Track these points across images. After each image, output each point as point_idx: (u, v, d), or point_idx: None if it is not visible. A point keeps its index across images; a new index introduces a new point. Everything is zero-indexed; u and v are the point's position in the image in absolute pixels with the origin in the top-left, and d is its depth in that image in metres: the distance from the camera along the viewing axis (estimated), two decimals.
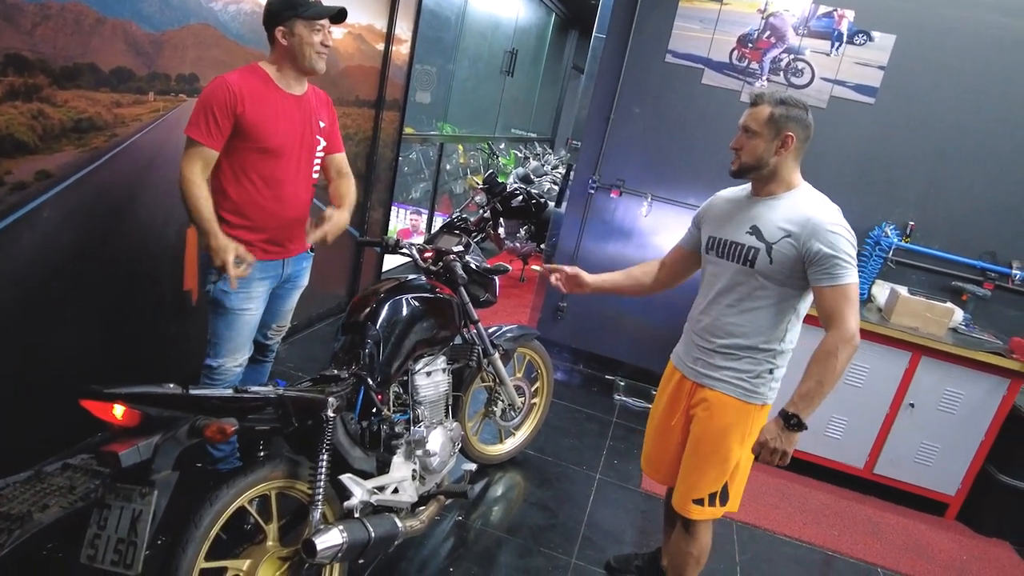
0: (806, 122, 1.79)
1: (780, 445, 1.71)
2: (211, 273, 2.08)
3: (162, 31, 2.34)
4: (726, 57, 3.64)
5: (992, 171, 3.43)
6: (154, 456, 1.38)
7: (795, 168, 1.83)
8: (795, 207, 1.78)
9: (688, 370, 1.99)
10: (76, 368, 2.32)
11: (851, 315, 1.69)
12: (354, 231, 4.21)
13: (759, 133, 1.78)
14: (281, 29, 2.02)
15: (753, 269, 1.81)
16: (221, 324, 2.13)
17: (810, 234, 1.72)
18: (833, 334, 1.70)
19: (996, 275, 3.48)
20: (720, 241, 1.91)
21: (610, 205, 4.01)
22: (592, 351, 4.24)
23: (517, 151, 7.97)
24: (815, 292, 1.77)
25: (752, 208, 1.86)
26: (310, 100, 2.19)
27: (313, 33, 2.03)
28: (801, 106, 1.79)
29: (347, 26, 3.47)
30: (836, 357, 1.67)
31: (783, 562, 2.75)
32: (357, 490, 1.82)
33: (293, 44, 2.03)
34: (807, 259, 1.73)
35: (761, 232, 1.80)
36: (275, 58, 2.10)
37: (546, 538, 2.57)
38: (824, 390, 1.69)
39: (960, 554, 3.06)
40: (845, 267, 1.70)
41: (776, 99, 1.78)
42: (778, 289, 1.80)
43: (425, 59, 5.47)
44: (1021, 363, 3.04)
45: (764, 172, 1.81)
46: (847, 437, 3.32)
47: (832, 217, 1.74)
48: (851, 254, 1.72)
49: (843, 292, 1.70)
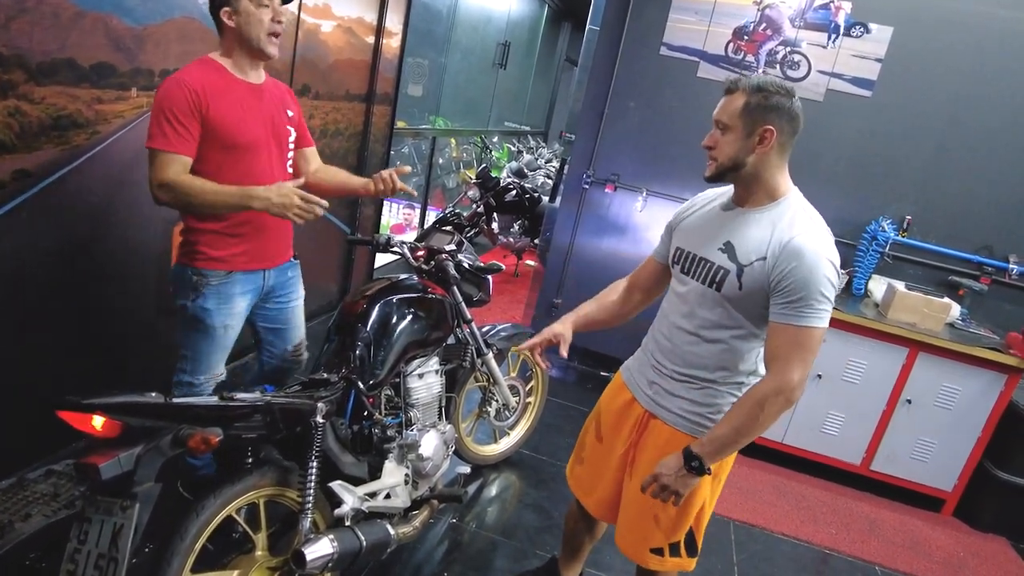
0: (791, 112, 1.47)
1: (674, 485, 1.48)
2: (187, 289, 1.93)
3: (144, 25, 2.27)
4: (721, 50, 3.59)
5: (990, 165, 3.40)
6: (136, 468, 1.33)
7: (780, 169, 1.52)
8: (777, 224, 1.48)
9: (642, 395, 1.71)
10: (58, 372, 2.26)
11: (798, 365, 1.41)
12: (345, 228, 4.15)
13: (732, 127, 1.49)
14: (226, 10, 1.85)
15: (719, 294, 1.53)
16: (201, 341, 1.98)
17: (785, 259, 1.42)
18: (769, 380, 1.44)
19: (993, 269, 3.46)
20: (687, 255, 1.62)
21: (605, 200, 3.96)
22: (586, 347, 4.20)
23: (511, 145, 7.90)
24: (769, 327, 1.46)
25: (730, 220, 1.56)
26: (271, 89, 2.03)
27: (260, 8, 1.84)
28: (783, 92, 1.47)
29: (337, 19, 3.41)
30: (763, 409, 1.42)
31: (781, 561, 2.73)
32: (348, 497, 1.78)
33: (240, 24, 1.85)
34: (772, 285, 1.44)
35: (735, 251, 1.51)
36: (226, 46, 1.92)
37: (542, 540, 2.53)
38: (740, 442, 1.46)
39: (957, 550, 3.05)
40: (816, 308, 1.41)
41: (753, 86, 1.47)
42: (747, 321, 1.53)
43: (417, 52, 5.40)
44: (1018, 358, 3.02)
45: (742, 175, 1.51)
46: (844, 433, 3.30)
47: (817, 243, 1.43)
48: (828, 294, 1.41)
49: (801, 336, 1.41)
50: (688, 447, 1.49)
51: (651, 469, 1.63)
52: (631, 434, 1.73)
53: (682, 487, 1.49)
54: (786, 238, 1.44)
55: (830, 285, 1.42)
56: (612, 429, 1.79)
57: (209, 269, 1.93)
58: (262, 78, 2.00)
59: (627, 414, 1.75)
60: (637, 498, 1.67)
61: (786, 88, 1.48)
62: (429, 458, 2.10)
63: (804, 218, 1.49)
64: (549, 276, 4.19)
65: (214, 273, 1.94)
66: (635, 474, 1.71)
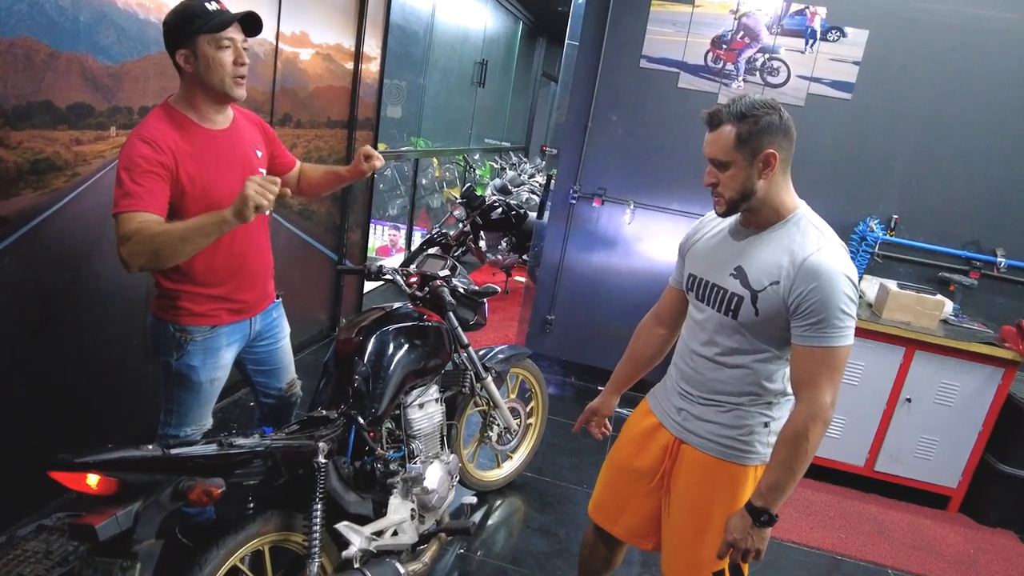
0: (784, 127, 1.42)
1: (752, 545, 1.44)
2: (169, 346, 1.82)
3: (120, 63, 2.23)
4: (701, 59, 3.61)
5: (972, 160, 3.43)
6: (135, 525, 1.27)
7: (787, 186, 1.49)
8: (788, 245, 1.44)
9: (670, 422, 1.68)
10: (41, 423, 2.19)
11: (828, 386, 1.38)
12: (332, 255, 4.11)
13: (731, 162, 1.43)
14: (182, 52, 1.66)
15: (736, 321, 1.50)
16: (187, 396, 1.86)
17: (801, 281, 1.39)
18: (802, 408, 1.40)
19: (981, 264, 3.48)
20: (701, 282, 1.59)
21: (593, 214, 3.95)
22: (584, 362, 4.17)
23: (493, 162, 7.91)
24: (793, 350, 1.43)
25: (739, 243, 1.53)
26: (239, 129, 1.87)
27: (221, 51, 1.66)
28: (769, 109, 1.41)
29: (315, 46, 3.39)
30: (807, 440, 1.38)
31: (792, 570, 2.70)
32: (355, 538, 1.72)
33: (200, 69, 1.66)
34: (791, 308, 1.41)
35: (746, 275, 1.48)
36: (186, 91, 1.73)
37: (552, 566, 2.48)
38: (796, 476, 1.42)
39: (967, 547, 3.03)
40: (838, 327, 1.37)
41: (737, 113, 1.41)
42: (770, 344, 1.50)
43: (395, 74, 5.39)
44: (1014, 352, 3.03)
45: (754, 202, 1.47)
46: (846, 436, 3.29)
47: (832, 260, 1.39)
48: (849, 311, 1.38)
49: (825, 356, 1.38)
50: (750, 502, 1.46)
51: (685, 498, 1.63)
52: (662, 462, 1.69)
53: (760, 543, 1.46)
54: (800, 259, 1.41)
55: (850, 301, 1.38)
56: (636, 454, 1.75)
57: (193, 325, 1.82)
58: (230, 119, 1.85)
59: (653, 439, 1.72)
60: (676, 534, 1.66)
61: (769, 104, 1.43)
62: (434, 490, 2.05)
63: (815, 234, 1.45)
64: (541, 292, 4.17)
65: (198, 329, 1.83)
66: (673, 504, 1.68)
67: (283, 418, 2.20)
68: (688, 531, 1.63)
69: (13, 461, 2.07)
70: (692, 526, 1.62)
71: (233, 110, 1.87)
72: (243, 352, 2.01)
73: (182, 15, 1.66)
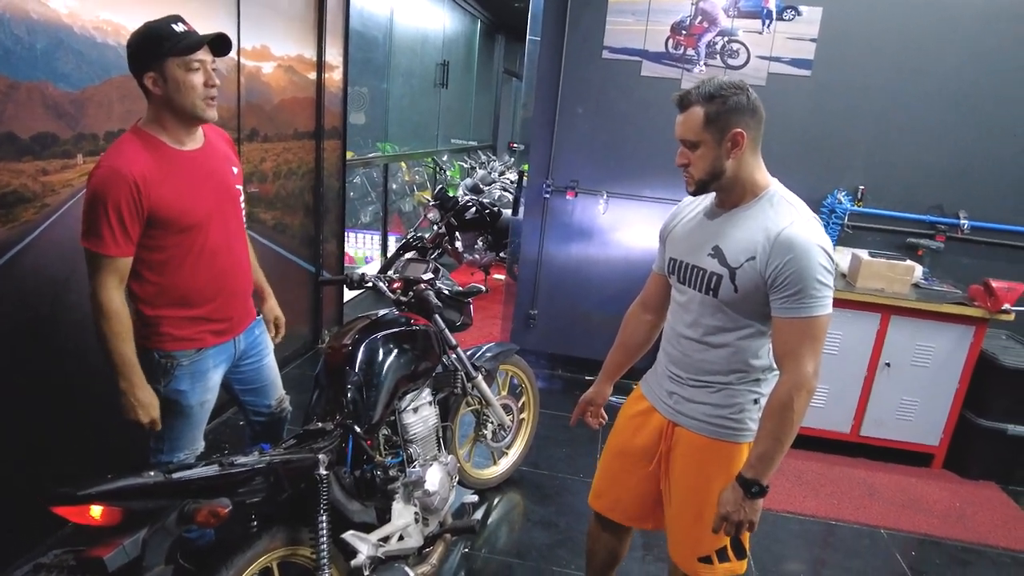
0: (751, 106, 1.46)
1: (744, 517, 1.47)
2: (155, 373, 1.79)
3: (82, 88, 2.20)
4: (662, 47, 3.66)
5: (931, 129, 3.53)
6: (143, 553, 1.27)
7: (757, 164, 1.52)
8: (762, 220, 1.48)
9: (663, 406, 1.71)
10: (31, 460, 2.16)
11: (810, 356, 1.42)
12: (309, 267, 4.08)
13: (700, 142, 1.47)
14: (150, 76, 1.63)
15: (717, 299, 1.53)
16: (177, 422, 1.85)
17: (776, 254, 1.42)
18: (786, 379, 1.44)
19: (946, 227, 3.59)
20: (681, 265, 1.62)
21: (567, 207, 3.98)
22: (569, 354, 4.21)
23: (462, 162, 7.90)
24: (773, 323, 1.47)
25: (715, 223, 1.57)
26: (213, 148, 1.85)
27: (190, 74, 1.63)
28: (736, 89, 1.45)
29: (276, 59, 3.36)
30: (792, 410, 1.41)
31: (790, 539, 2.77)
32: (362, 546, 1.73)
33: (170, 92, 1.64)
34: (769, 282, 1.44)
35: (724, 254, 1.51)
36: (156, 114, 1.70)
37: (557, 556, 2.51)
38: (784, 446, 1.45)
39: (954, 501, 3.13)
40: (816, 297, 1.40)
41: (705, 94, 1.45)
42: (752, 319, 1.53)
43: (357, 81, 5.36)
44: (983, 309, 3.13)
45: (724, 181, 1.50)
46: (830, 404, 3.37)
47: (805, 232, 1.43)
48: (825, 280, 1.41)
49: (806, 327, 1.41)
50: (741, 475, 1.48)
51: (683, 481, 1.66)
52: (658, 444, 1.72)
53: (752, 514, 1.48)
54: (774, 233, 1.44)
55: (826, 271, 1.42)
56: (632, 437, 1.78)
57: (178, 350, 1.80)
58: (201, 139, 1.82)
59: (648, 423, 1.75)
60: (677, 515, 1.69)
61: (737, 85, 1.46)
62: (436, 492, 2.06)
63: (788, 209, 1.48)
64: (522, 288, 4.19)
65: (184, 353, 1.81)
66: (672, 489, 1.70)
67: (275, 435, 2.19)
68: (689, 514, 1.67)
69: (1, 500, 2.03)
70: (692, 509, 1.65)
71: (203, 128, 1.85)
72: (229, 373, 2.00)
73: (148, 37, 1.63)
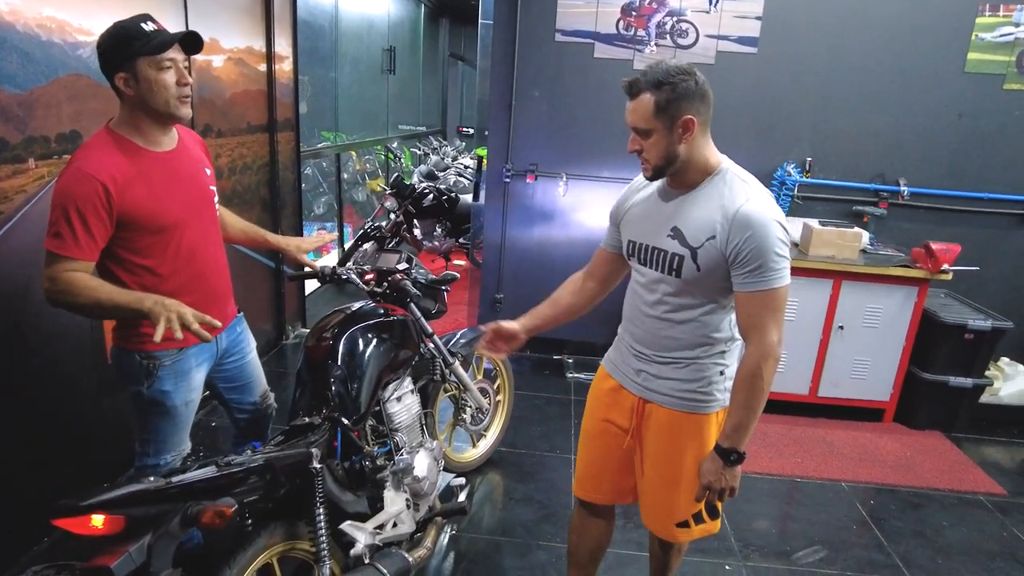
0: (700, 91, 1.48)
1: (725, 484, 1.55)
2: (138, 375, 1.77)
3: (29, 90, 2.11)
4: (613, 28, 3.71)
5: (871, 100, 3.70)
6: (149, 558, 1.27)
7: (708, 145, 1.55)
8: (718, 199, 1.52)
9: (631, 384, 1.74)
10: (5, 475, 2.09)
11: (773, 326, 1.48)
12: (268, 262, 4.01)
13: (652, 129, 1.49)
14: (122, 75, 1.60)
15: (680, 279, 1.57)
16: (163, 423, 1.82)
17: (735, 232, 1.47)
18: (753, 351, 1.50)
19: (888, 194, 3.79)
20: (641, 247, 1.65)
21: (528, 191, 4.02)
22: (536, 335, 4.25)
23: (415, 148, 7.83)
24: (736, 297, 1.53)
25: (671, 204, 1.59)
26: (187, 148, 1.83)
27: (162, 72, 1.61)
28: (685, 74, 1.46)
29: (226, 51, 3.27)
30: (761, 378, 1.48)
31: (760, 498, 2.91)
32: (360, 535, 1.76)
33: (142, 92, 1.61)
34: (730, 259, 1.49)
35: (683, 235, 1.55)
36: (128, 114, 1.67)
37: (541, 531, 2.58)
38: (756, 414, 1.51)
39: (904, 451, 3.35)
40: (775, 269, 1.46)
41: (654, 81, 1.46)
42: (714, 295, 1.58)
43: (306, 70, 5.24)
44: (925, 270, 3.33)
45: (678, 166, 1.53)
46: (790, 368, 3.53)
47: (761, 208, 1.48)
48: (782, 253, 1.47)
49: (767, 299, 1.47)
50: (718, 445, 1.55)
51: (657, 455, 1.72)
52: (630, 422, 1.76)
53: (733, 481, 1.56)
54: (731, 212, 1.48)
55: (782, 244, 1.48)
56: (605, 418, 1.81)
57: (160, 351, 1.77)
58: (175, 139, 1.80)
59: (617, 401, 1.78)
60: (652, 485, 1.75)
61: (685, 70, 1.47)
62: (425, 477, 2.10)
63: (742, 186, 1.53)
64: (487, 273, 4.22)
65: (166, 353, 1.78)
66: (646, 462, 1.75)
67: (260, 432, 2.18)
68: (664, 484, 1.73)
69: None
70: (667, 479, 1.72)
71: (177, 129, 1.82)
72: (212, 372, 1.98)
73: (118, 37, 1.60)
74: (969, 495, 3.03)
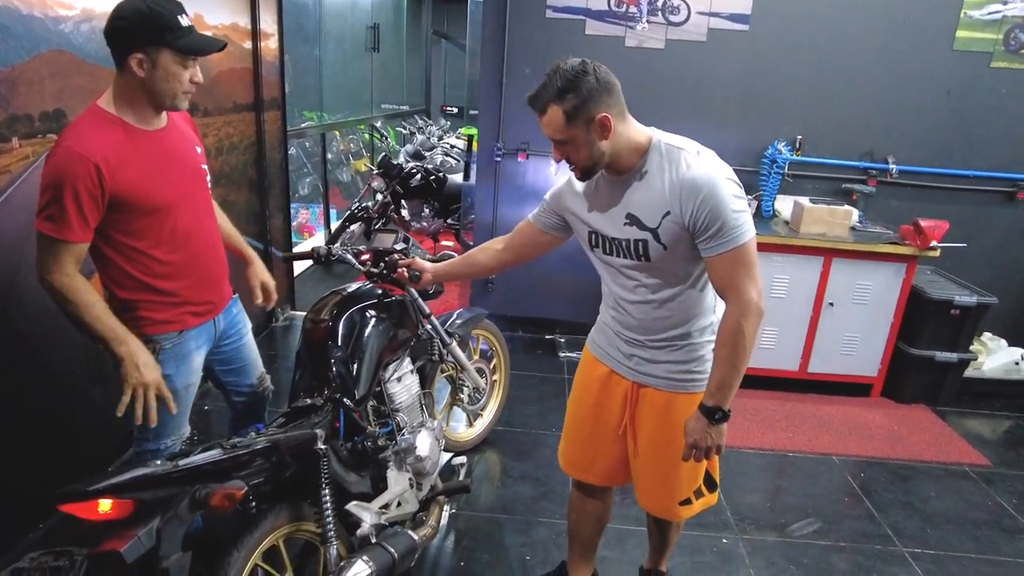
0: (604, 84, 1.44)
1: (711, 441, 1.55)
2: None
3: (10, 66, 2.04)
4: (605, 4, 3.67)
5: (860, 79, 3.71)
6: (158, 542, 1.25)
7: (630, 129, 1.51)
8: (659, 174, 1.49)
9: (623, 368, 1.73)
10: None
11: (749, 282, 1.46)
12: (256, 244, 3.95)
13: (570, 139, 1.47)
14: (138, 56, 1.56)
15: (650, 262, 1.55)
16: (164, 407, 1.76)
17: (687, 199, 1.44)
18: (732, 310, 1.48)
19: (876, 172, 3.82)
20: (603, 238, 1.62)
21: (519, 169, 3.99)
22: (528, 315, 4.28)
23: (400, 128, 7.73)
24: (706, 262, 1.51)
25: (619, 192, 1.56)
26: (177, 126, 1.80)
27: (183, 69, 1.61)
28: (583, 74, 1.42)
29: (210, 28, 3.18)
30: (743, 335, 1.46)
31: (754, 473, 2.96)
32: (366, 515, 1.76)
33: (154, 78, 1.59)
34: (691, 229, 1.47)
35: (639, 219, 1.52)
36: (126, 92, 1.62)
37: (541, 507, 2.60)
38: (740, 371, 1.50)
39: (892, 425, 3.41)
40: (736, 225, 1.43)
41: (556, 91, 1.42)
42: (688, 266, 1.56)
43: (290, 49, 5.14)
44: (913, 247, 3.37)
45: (609, 160, 1.51)
46: (780, 345, 3.57)
47: (703, 167, 1.45)
48: (739, 207, 1.44)
49: (736, 257, 1.45)
50: (703, 403, 1.54)
51: (655, 437, 1.71)
52: (624, 407, 1.75)
53: (719, 438, 1.55)
54: (676, 181, 1.46)
55: (736, 198, 1.45)
56: (596, 403, 1.80)
57: (160, 334, 1.75)
58: (165, 119, 1.76)
59: (609, 386, 1.77)
60: (650, 467, 1.75)
61: (581, 69, 1.42)
62: (427, 457, 2.10)
63: (678, 153, 1.49)
64: None
65: (166, 336, 1.76)
66: (640, 445, 1.75)
67: (257, 414, 2.17)
68: (663, 466, 1.73)
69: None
70: (667, 461, 1.71)
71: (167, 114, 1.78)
72: (210, 355, 1.95)
73: (151, 20, 1.55)
74: (955, 466, 3.10)
